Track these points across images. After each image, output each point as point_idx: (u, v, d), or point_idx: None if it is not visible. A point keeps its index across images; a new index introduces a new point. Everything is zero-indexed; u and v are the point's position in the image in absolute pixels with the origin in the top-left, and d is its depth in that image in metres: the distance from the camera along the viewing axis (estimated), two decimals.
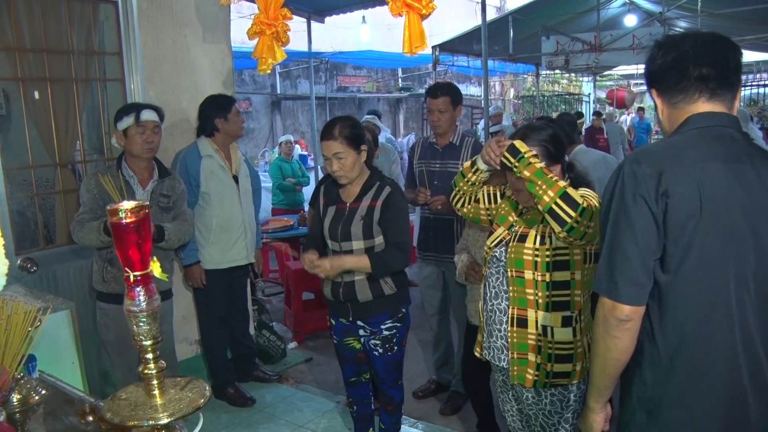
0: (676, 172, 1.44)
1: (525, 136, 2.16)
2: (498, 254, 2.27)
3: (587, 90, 20.95)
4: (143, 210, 1.17)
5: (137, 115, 3.01)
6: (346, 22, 9.30)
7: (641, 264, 1.45)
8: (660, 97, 1.62)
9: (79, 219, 2.96)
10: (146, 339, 1.22)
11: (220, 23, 4.04)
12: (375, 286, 2.70)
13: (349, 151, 2.59)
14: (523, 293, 2.15)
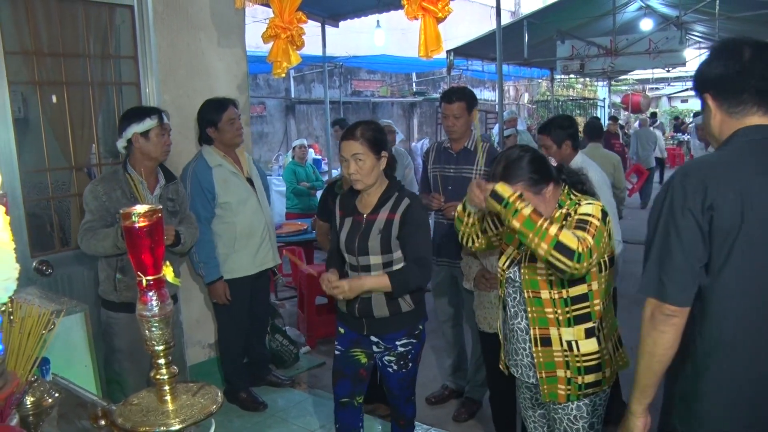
0: (720, 186, 1.53)
1: (506, 177, 2.10)
2: (512, 275, 2.23)
3: (602, 94, 20.85)
4: (156, 214, 1.16)
5: (160, 116, 3.00)
6: (360, 27, 9.32)
7: (689, 270, 1.56)
8: (715, 103, 1.66)
9: (88, 227, 2.89)
10: (158, 344, 1.21)
11: (234, 27, 4.05)
12: (393, 303, 2.61)
13: (369, 155, 2.50)
14: (542, 313, 2.13)
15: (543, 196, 2.12)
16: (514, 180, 2.08)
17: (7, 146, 3.05)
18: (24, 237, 3.10)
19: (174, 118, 3.71)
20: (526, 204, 1.96)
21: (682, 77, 19.49)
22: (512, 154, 2.17)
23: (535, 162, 2.15)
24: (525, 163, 2.13)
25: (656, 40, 9.83)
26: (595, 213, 2.05)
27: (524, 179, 2.10)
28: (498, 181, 2.06)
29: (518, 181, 2.08)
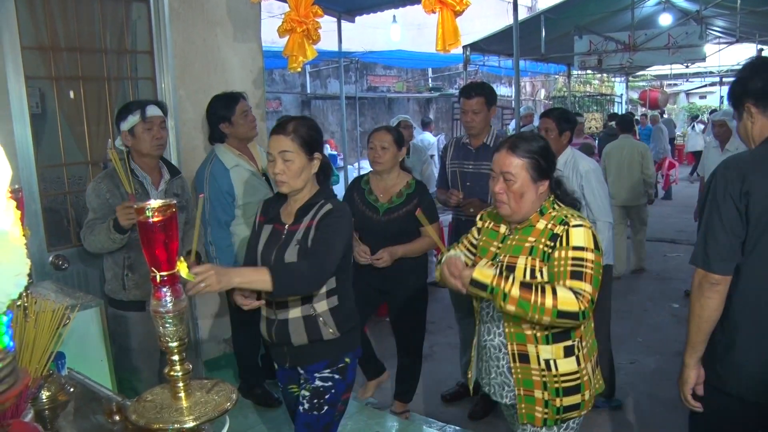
0: (757, 176, 1.89)
1: (514, 146, 2.03)
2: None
3: (619, 90, 20.66)
4: (170, 209, 1.14)
5: (142, 111, 2.88)
6: (376, 22, 9.27)
7: (729, 246, 1.91)
8: (758, 110, 1.99)
9: (89, 225, 2.85)
10: (172, 340, 1.20)
11: (250, 22, 4.04)
12: (312, 327, 2.24)
13: (299, 154, 2.21)
14: (519, 328, 2.05)
15: (536, 188, 2.04)
16: (521, 154, 2.02)
17: (25, 141, 3.06)
18: (41, 231, 3.11)
19: (189, 113, 3.71)
20: (512, 281, 1.89)
21: (701, 73, 19.25)
22: (528, 134, 2.15)
23: (547, 151, 2.09)
24: (538, 146, 2.06)
25: (675, 35, 9.71)
26: (588, 244, 1.96)
27: (531, 159, 2.02)
28: (505, 151, 2.04)
29: (525, 157, 2.02)
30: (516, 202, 2.03)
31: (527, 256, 2.02)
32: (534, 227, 2.06)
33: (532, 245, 2.02)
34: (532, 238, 2.04)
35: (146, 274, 2.89)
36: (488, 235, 2.23)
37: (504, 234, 2.16)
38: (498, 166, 2.07)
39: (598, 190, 3.61)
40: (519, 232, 2.10)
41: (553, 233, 2.00)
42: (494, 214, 2.24)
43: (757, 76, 1.99)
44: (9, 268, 0.72)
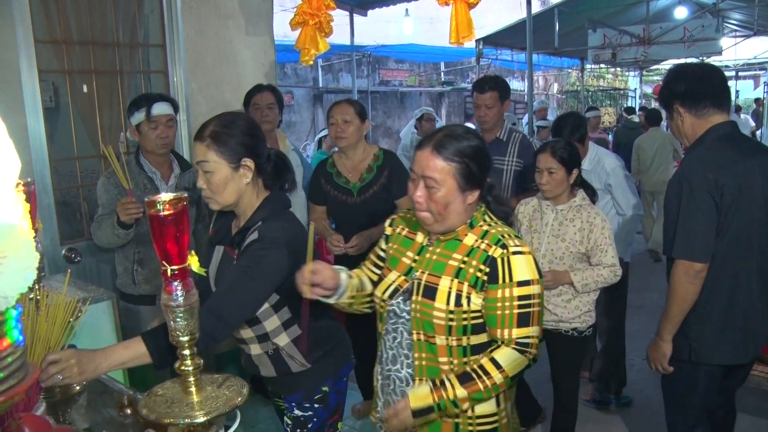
0: (726, 169, 2.11)
1: (440, 146, 1.66)
2: (396, 308, 1.79)
3: (633, 85, 20.49)
4: (181, 202, 1.14)
5: (148, 110, 2.81)
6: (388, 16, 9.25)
7: (709, 235, 2.12)
8: (684, 109, 2.23)
9: (98, 220, 2.84)
10: (183, 335, 1.19)
11: (262, 15, 4.03)
12: (278, 361, 2.00)
13: (220, 163, 1.82)
14: (434, 361, 1.72)
15: (464, 198, 1.68)
16: (448, 156, 1.65)
17: (38, 135, 3.07)
18: (54, 224, 3.13)
19: (201, 106, 3.71)
20: (450, 384, 1.63)
21: None
22: (457, 130, 1.72)
23: (481, 154, 1.71)
24: (471, 147, 1.68)
25: (691, 29, 9.61)
26: (533, 275, 1.67)
27: (459, 164, 1.65)
28: (429, 150, 1.66)
29: (452, 160, 1.65)
30: (439, 213, 1.68)
31: (452, 278, 1.70)
32: (461, 242, 1.73)
33: (459, 266, 1.70)
34: (459, 256, 1.71)
35: (156, 268, 2.91)
36: (401, 243, 1.87)
37: (422, 244, 1.81)
38: (419, 167, 1.68)
39: (626, 186, 3.65)
40: (441, 245, 1.76)
41: (488, 256, 1.67)
42: (409, 219, 1.89)
43: (681, 80, 2.27)
44: (18, 261, 0.71)
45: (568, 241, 2.87)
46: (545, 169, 2.84)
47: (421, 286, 1.74)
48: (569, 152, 2.85)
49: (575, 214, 2.89)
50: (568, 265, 2.88)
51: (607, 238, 2.84)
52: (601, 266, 2.86)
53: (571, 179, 2.87)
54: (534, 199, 3.05)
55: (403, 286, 1.78)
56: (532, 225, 2.99)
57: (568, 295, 2.91)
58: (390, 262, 1.87)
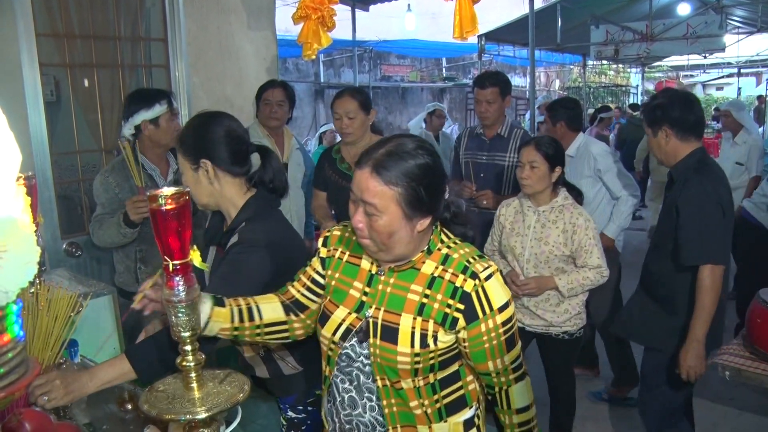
0: (724, 185, 2.55)
1: (380, 166, 1.38)
2: (351, 351, 1.54)
3: (635, 81, 20.46)
4: (183, 197, 1.12)
5: (169, 101, 2.80)
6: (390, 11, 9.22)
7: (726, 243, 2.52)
8: (672, 132, 2.55)
9: (98, 219, 2.76)
10: (185, 330, 1.19)
11: (264, 10, 4.01)
12: (270, 363, 1.99)
13: (184, 165, 1.85)
14: (405, 406, 1.52)
15: (411, 227, 1.42)
16: (390, 179, 1.37)
17: (39, 129, 3.06)
18: (55, 219, 3.12)
19: (203, 101, 3.70)
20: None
21: (719, 64, 19.03)
22: (404, 146, 1.42)
23: (432, 174, 1.43)
24: (419, 167, 1.40)
25: (694, 25, 9.58)
26: (507, 293, 1.48)
27: (405, 188, 1.38)
28: (368, 171, 1.39)
29: (395, 185, 1.38)
30: (383, 243, 1.43)
31: (414, 316, 1.46)
32: (419, 271, 1.49)
33: (421, 300, 1.46)
34: (418, 288, 1.48)
35: (159, 266, 2.88)
36: (344, 272, 1.59)
37: (370, 272, 1.55)
38: (357, 189, 1.42)
39: (614, 169, 3.68)
40: (395, 275, 1.51)
41: (455, 288, 1.44)
42: (348, 239, 1.61)
43: (676, 105, 2.53)
44: (18, 256, 0.70)
45: (551, 244, 2.81)
46: (527, 163, 2.77)
47: (378, 326, 1.49)
48: (554, 148, 2.80)
49: (557, 215, 2.83)
50: (554, 267, 2.83)
51: (592, 239, 2.79)
52: (587, 268, 2.80)
53: (554, 177, 2.81)
54: (515, 200, 2.98)
55: (356, 325, 1.52)
56: (515, 228, 2.93)
57: (556, 299, 2.87)
58: (334, 295, 1.58)
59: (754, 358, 2.77)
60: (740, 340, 2.92)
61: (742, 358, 2.80)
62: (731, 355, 2.83)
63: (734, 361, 2.78)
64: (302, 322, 1.65)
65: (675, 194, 2.57)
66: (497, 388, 1.55)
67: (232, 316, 1.52)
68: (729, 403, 3.78)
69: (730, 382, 3.26)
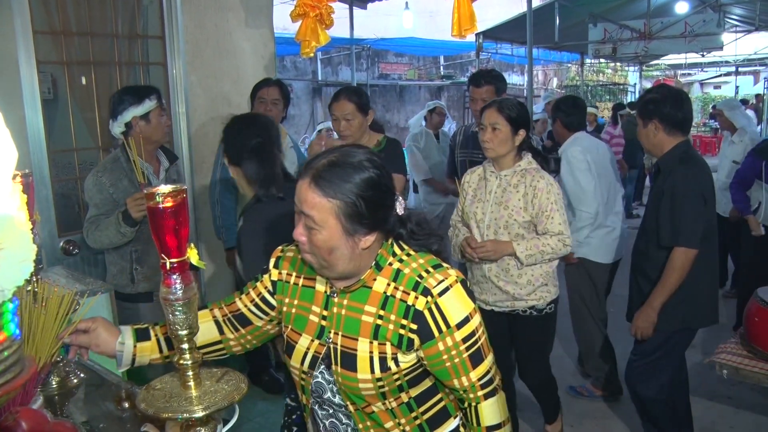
0: (708, 176, 2.77)
1: (318, 177, 1.31)
2: (321, 379, 1.49)
3: (633, 80, 20.48)
4: (181, 194, 1.12)
5: (159, 96, 2.79)
6: (388, 9, 9.21)
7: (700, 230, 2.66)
8: (661, 126, 2.73)
9: (92, 221, 2.72)
10: (182, 328, 1.18)
11: (262, 8, 4.00)
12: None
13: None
14: (381, 428, 1.47)
15: (353, 243, 1.35)
16: (329, 192, 1.31)
17: (36, 127, 3.05)
18: (52, 217, 3.11)
19: (200, 98, 3.69)
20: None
21: (717, 62, 19.05)
22: (348, 157, 1.35)
23: (374, 191, 1.34)
24: (362, 179, 1.33)
25: (692, 24, 9.59)
26: (467, 306, 1.39)
27: (345, 201, 1.31)
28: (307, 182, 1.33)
29: (334, 197, 1.31)
30: (324, 258, 1.36)
31: (371, 340, 1.40)
32: (370, 289, 1.41)
33: (376, 322, 1.39)
34: (372, 309, 1.40)
35: (155, 265, 2.90)
36: (301, 297, 1.52)
37: (326, 293, 1.48)
38: (297, 199, 1.36)
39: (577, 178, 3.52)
40: (347, 296, 1.44)
41: (407, 307, 1.37)
42: (301, 261, 1.51)
43: (668, 102, 2.71)
44: (14, 254, 0.70)
45: (510, 208, 2.70)
46: (489, 125, 2.68)
47: (338, 352, 1.42)
48: (517, 111, 2.69)
49: (519, 179, 2.72)
50: (513, 234, 2.71)
51: (553, 204, 2.66)
52: (548, 234, 2.68)
53: (517, 140, 2.71)
54: (480, 167, 2.90)
55: (321, 351, 1.46)
56: (477, 194, 2.83)
57: (516, 270, 2.74)
58: (295, 323, 1.51)
59: (751, 357, 2.78)
60: (738, 338, 2.93)
61: (739, 356, 2.80)
62: (729, 354, 2.83)
63: (732, 359, 2.79)
64: (241, 338, 1.60)
65: (661, 183, 2.75)
66: (466, 404, 1.47)
67: (159, 348, 1.52)
68: (727, 402, 3.79)
69: (728, 381, 3.27)
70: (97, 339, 1.51)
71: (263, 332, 1.61)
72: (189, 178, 3.63)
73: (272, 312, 1.57)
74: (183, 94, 3.59)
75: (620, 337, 4.81)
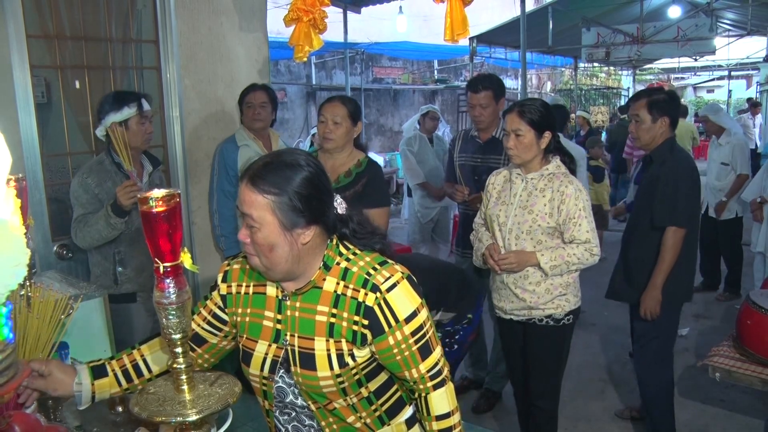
0: (693, 162, 3.14)
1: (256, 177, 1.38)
2: (282, 383, 1.52)
3: (626, 84, 20.56)
4: (174, 198, 1.12)
5: (140, 104, 2.81)
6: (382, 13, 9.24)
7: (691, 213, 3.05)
8: (667, 122, 3.07)
9: (80, 220, 2.74)
10: (175, 332, 1.18)
11: (256, 12, 4.00)
12: None
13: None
14: (343, 422, 1.53)
15: (291, 240, 1.39)
16: (265, 189, 1.36)
17: (30, 131, 3.04)
18: (45, 221, 3.10)
19: (194, 102, 3.69)
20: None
21: (709, 66, 19.16)
22: (283, 157, 1.43)
23: (308, 188, 1.39)
24: (296, 177, 1.38)
25: (685, 28, 9.65)
26: (414, 301, 1.44)
27: (278, 197, 1.36)
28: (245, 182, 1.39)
29: (269, 193, 1.36)
30: (266, 257, 1.40)
31: (326, 338, 1.44)
32: (321, 289, 1.46)
33: (329, 321, 1.44)
34: (325, 308, 1.45)
35: (138, 267, 2.91)
36: (253, 305, 1.54)
37: (277, 298, 1.51)
38: (239, 201, 1.42)
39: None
40: (299, 298, 1.48)
41: (359, 304, 1.42)
42: (249, 270, 1.56)
43: (675, 103, 3.16)
44: (8, 258, 0.70)
45: (535, 212, 2.61)
46: (512, 131, 2.59)
47: (296, 353, 1.46)
48: (540, 113, 2.59)
49: (546, 183, 2.62)
50: (536, 240, 2.62)
51: (582, 210, 2.56)
52: (574, 243, 2.57)
53: (543, 144, 2.61)
54: (505, 169, 2.83)
55: (279, 355, 1.49)
56: (501, 196, 2.75)
57: (537, 277, 2.64)
58: (250, 331, 1.53)
59: (744, 360, 2.80)
60: (730, 341, 2.95)
61: (732, 359, 2.82)
62: (721, 357, 2.85)
63: (724, 362, 2.81)
64: (199, 358, 1.62)
65: (656, 170, 3.08)
66: (416, 395, 1.52)
67: (118, 381, 1.54)
68: (719, 405, 3.80)
69: (721, 384, 3.29)
70: (54, 383, 1.49)
71: (219, 349, 1.64)
72: (183, 181, 3.62)
73: (225, 327, 1.60)
74: (177, 98, 3.59)
75: (617, 339, 4.84)
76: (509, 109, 2.69)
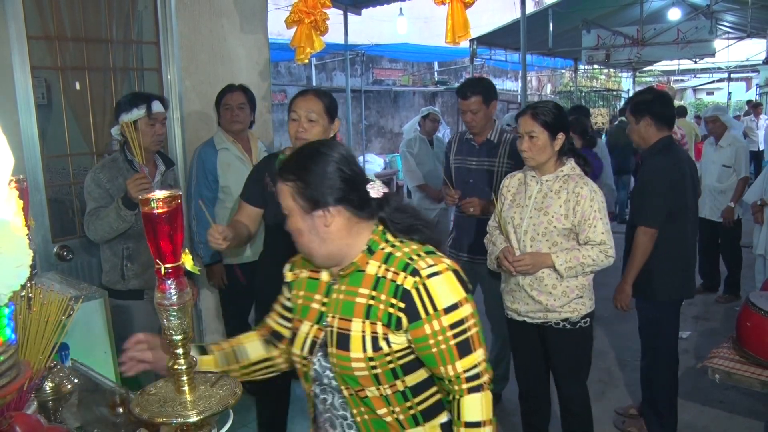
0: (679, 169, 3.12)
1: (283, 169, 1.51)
2: (318, 366, 1.54)
3: (626, 86, 20.56)
4: (175, 200, 1.12)
5: (149, 107, 2.84)
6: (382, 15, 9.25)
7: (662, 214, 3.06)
8: (652, 122, 3.12)
9: (92, 213, 2.81)
10: (177, 333, 1.18)
11: (257, 13, 4.01)
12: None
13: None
14: (373, 414, 1.49)
15: (311, 223, 1.45)
16: (286, 177, 1.46)
17: (30, 132, 3.04)
18: (46, 222, 3.11)
19: (195, 104, 3.70)
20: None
21: (709, 69, 19.15)
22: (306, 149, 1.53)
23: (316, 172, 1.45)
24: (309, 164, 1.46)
25: (685, 30, 9.65)
26: (457, 294, 1.42)
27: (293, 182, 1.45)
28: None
29: (287, 181, 1.46)
30: (300, 243, 1.50)
31: (363, 319, 1.44)
32: (364, 272, 1.47)
33: (368, 303, 1.44)
34: (365, 290, 1.46)
35: (145, 263, 2.92)
36: (306, 288, 1.61)
37: (328, 282, 1.56)
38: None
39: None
40: (345, 281, 1.50)
41: (397, 287, 1.41)
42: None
43: (658, 102, 3.14)
44: (10, 258, 0.71)
45: (551, 214, 2.61)
46: (525, 134, 2.60)
47: (333, 334, 1.48)
48: (553, 115, 2.60)
49: (561, 185, 2.62)
50: (552, 242, 2.62)
51: (597, 212, 2.56)
52: (589, 245, 2.57)
53: (557, 145, 2.61)
54: (519, 172, 2.83)
55: (319, 336, 1.52)
56: (516, 199, 2.74)
57: (552, 279, 2.63)
58: (301, 312, 1.58)
59: (743, 362, 2.80)
60: (730, 343, 2.95)
61: (731, 361, 2.83)
62: (721, 359, 2.85)
63: (724, 364, 2.81)
64: (284, 353, 1.68)
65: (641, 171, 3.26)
66: (450, 396, 1.48)
67: (217, 362, 1.59)
68: (719, 406, 3.80)
69: (721, 385, 3.29)
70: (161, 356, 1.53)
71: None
72: (184, 183, 3.63)
73: (293, 314, 1.65)
74: (177, 100, 3.59)
75: (615, 342, 4.84)
76: (522, 111, 2.70)
